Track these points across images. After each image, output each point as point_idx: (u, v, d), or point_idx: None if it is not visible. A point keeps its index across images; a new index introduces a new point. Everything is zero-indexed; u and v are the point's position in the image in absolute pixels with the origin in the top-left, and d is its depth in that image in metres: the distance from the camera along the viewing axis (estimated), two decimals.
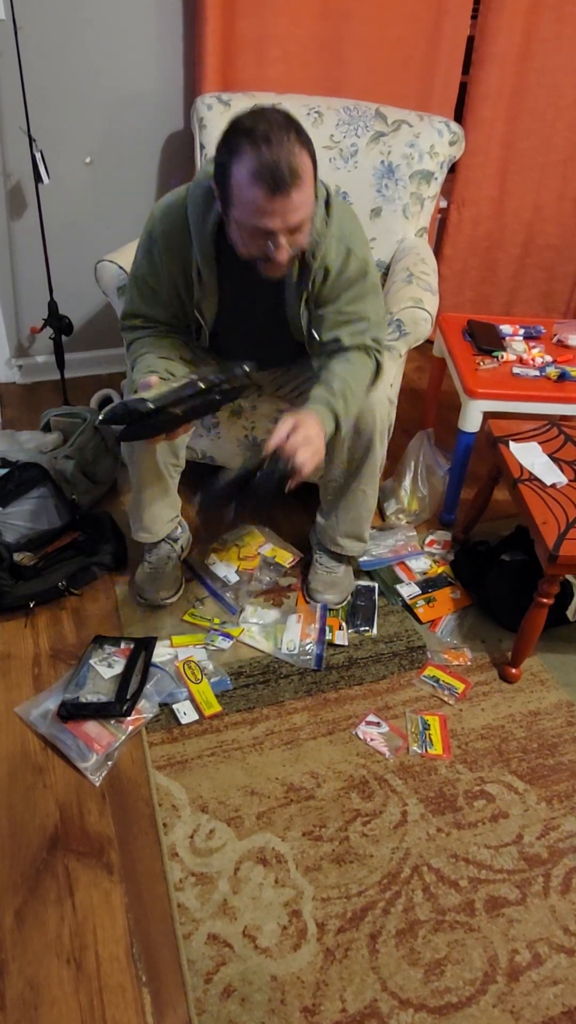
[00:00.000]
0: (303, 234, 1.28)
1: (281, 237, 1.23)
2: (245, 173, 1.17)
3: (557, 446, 1.72)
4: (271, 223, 1.21)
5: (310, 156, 1.22)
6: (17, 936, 1.20)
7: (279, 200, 1.18)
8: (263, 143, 1.15)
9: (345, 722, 1.54)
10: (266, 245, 1.25)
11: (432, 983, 1.17)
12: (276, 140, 1.16)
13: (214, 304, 1.47)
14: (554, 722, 1.57)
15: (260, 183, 1.16)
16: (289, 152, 1.16)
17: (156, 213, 1.42)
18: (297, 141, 1.18)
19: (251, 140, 1.16)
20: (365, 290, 1.46)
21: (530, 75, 2.42)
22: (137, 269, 1.46)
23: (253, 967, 1.18)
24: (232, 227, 1.28)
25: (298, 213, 1.22)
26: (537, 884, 1.30)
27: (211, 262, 1.39)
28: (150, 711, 1.52)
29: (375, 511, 1.74)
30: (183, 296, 1.45)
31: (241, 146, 1.17)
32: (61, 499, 1.88)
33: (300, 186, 1.19)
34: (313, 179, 1.24)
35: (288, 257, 1.27)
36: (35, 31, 2.05)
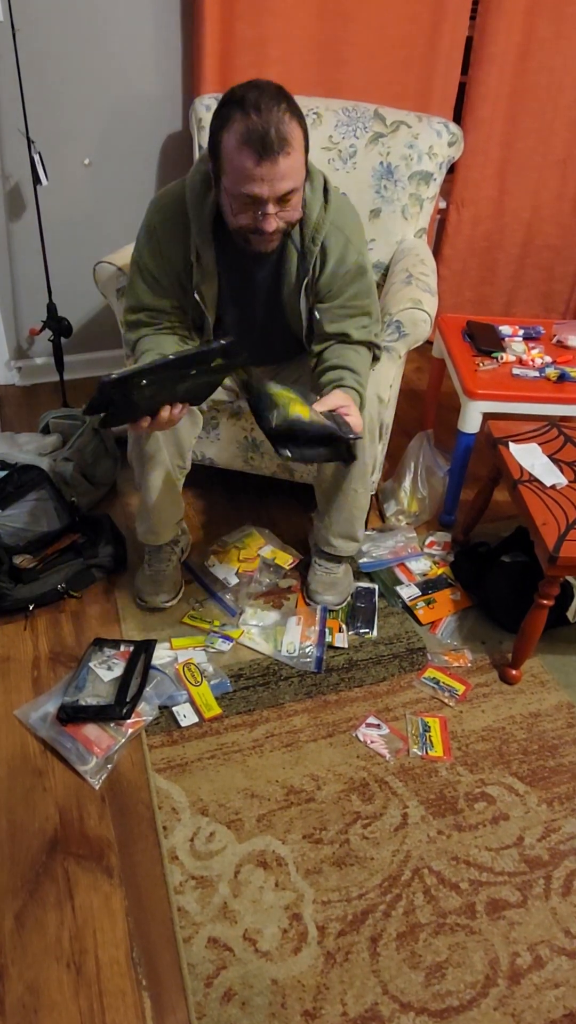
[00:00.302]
0: (292, 207, 1.29)
1: (269, 205, 1.24)
2: (234, 140, 1.20)
3: (557, 447, 1.72)
4: (259, 189, 1.22)
5: (301, 128, 1.24)
6: (17, 940, 1.20)
7: (266, 166, 1.19)
8: (252, 111, 1.18)
9: (345, 724, 1.54)
10: (255, 214, 1.26)
11: (433, 986, 1.17)
12: (265, 107, 1.18)
13: (214, 287, 1.47)
14: (555, 724, 1.56)
15: (248, 149, 1.18)
16: (278, 120, 1.18)
17: (154, 204, 1.44)
18: (287, 110, 1.20)
19: (241, 108, 1.19)
20: (366, 287, 1.47)
21: (529, 75, 2.41)
22: (140, 259, 1.47)
23: (253, 971, 1.17)
24: (224, 198, 1.29)
25: (286, 181, 1.22)
26: (538, 886, 1.29)
27: (209, 243, 1.40)
28: (150, 714, 1.51)
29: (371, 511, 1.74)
30: (184, 282, 1.46)
31: (232, 114, 1.20)
32: (60, 501, 1.87)
33: (289, 153, 1.20)
34: (304, 151, 1.25)
35: (275, 228, 1.28)
36: (33, 33, 2.04)
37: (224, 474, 2.10)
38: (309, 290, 1.45)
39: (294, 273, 1.43)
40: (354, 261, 1.43)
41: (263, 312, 1.52)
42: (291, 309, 1.49)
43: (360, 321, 1.48)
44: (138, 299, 1.49)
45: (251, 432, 1.87)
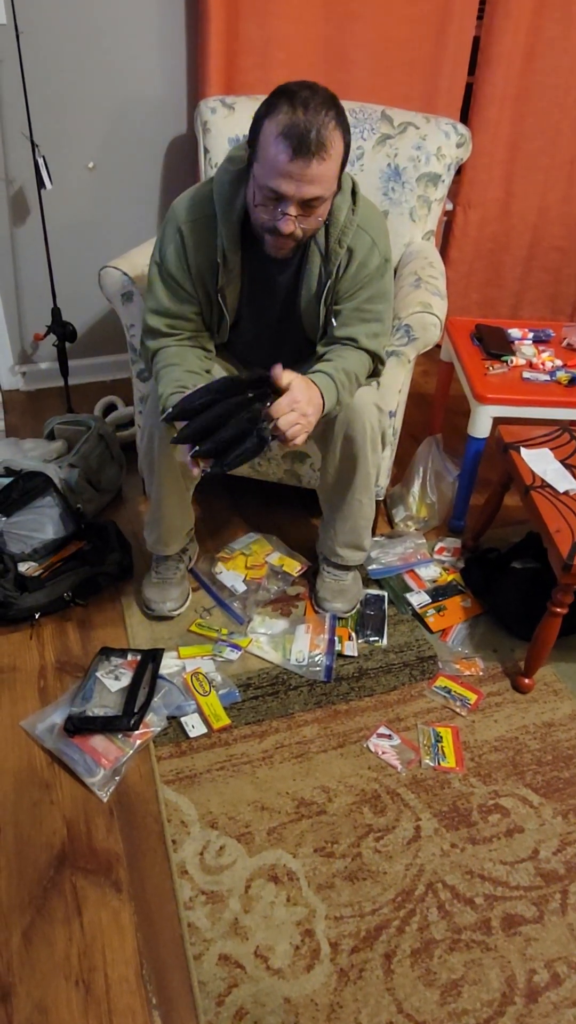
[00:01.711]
0: (315, 217, 1.27)
1: (291, 206, 1.23)
2: (275, 129, 1.18)
3: (569, 452, 1.70)
4: (285, 186, 1.20)
5: (344, 141, 1.22)
6: (25, 957, 1.18)
7: (298, 164, 1.17)
8: (300, 106, 1.16)
9: (356, 735, 1.51)
10: (275, 210, 1.24)
11: (449, 1004, 1.14)
12: (313, 108, 1.17)
13: (237, 289, 1.45)
14: (568, 733, 1.54)
15: (285, 142, 1.17)
16: (322, 123, 1.16)
17: (179, 206, 1.41)
18: (335, 119, 1.19)
19: (290, 102, 1.17)
20: (382, 291, 1.45)
21: (536, 76, 2.39)
22: (164, 263, 1.43)
23: (265, 988, 1.15)
24: (252, 188, 1.27)
25: (314, 186, 1.20)
26: (554, 901, 1.27)
27: (237, 245, 1.38)
28: (158, 724, 1.49)
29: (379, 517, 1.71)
30: (208, 285, 1.43)
31: (279, 105, 1.18)
32: (66, 508, 1.85)
33: (324, 159, 1.18)
34: (340, 162, 1.23)
35: (292, 232, 1.26)
36: (37, 35, 2.03)
37: (231, 480, 2.08)
38: (329, 293, 1.43)
39: (316, 276, 1.41)
40: (376, 264, 1.41)
41: (280, 314, 1.50)
42: (308, 312, 1.47)
43: (372, 328, 1.45)
44: (159, 304, 1.45)
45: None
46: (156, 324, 1.47)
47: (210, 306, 1.47)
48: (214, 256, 1.39)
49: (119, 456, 2.12)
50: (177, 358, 1.44)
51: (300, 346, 1.56)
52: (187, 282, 1.43)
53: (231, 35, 2.09)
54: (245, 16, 2.06)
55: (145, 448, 1.55)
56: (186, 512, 1.68)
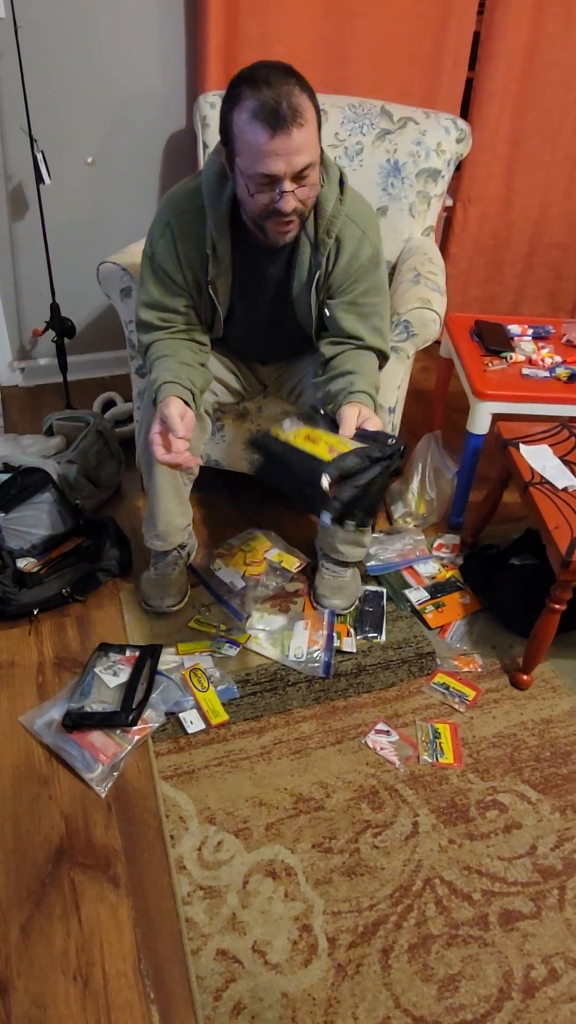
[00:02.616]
0: (309, 185, 1.26)
1: (287, 183, 1.22)
2: (246, 116, 1.17)
3: (568, 448, 1.70)
4: (275, 166, 1.19)
5: (313, 104, 1.21)
6: (23, 952, 1.18)
7: (280, 139, 1.17)
8: (262, 85, 1.16)
9: (354, 731, 1.52)
10: (272, 195, 1.24)
11: (446, 1000, 1.15)
12: (276, 81, 1.16)
13: (228, 281, 1.44)
14: (567, 730, 1.54)
15: (261, 123, 1.16)
16: (289, 92, 1.16)
17: (168, 201, 1.42)
18: (297, 84, 1.18)
19: (250, 85, 1.17)
20: (378, 284, 1.45)
21: (537, 71, 2.39)
22: (153, 255, 1.43)
23: (263, 983, 1.15)
24: (240, 183, 1.26)
25: (302, 155, 1.20)
26: (552, 897, 1.27)
27: (226, 235, 1.38)
28: (156, 720, 1.49)
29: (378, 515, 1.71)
30: (199, 277, 1.43)
31: (242, 92, 1.18)
32: (65, 504, 1.85)
33: (302, 125, 1.17)
34: (316, 125, 1.23)
35: (294, 208, 1.25)
36: (36, 30, 2.02)
37: (229, 476, 2.08)
38: (320, 285, 1.42)
39: (306, 266, 1.41)
40: (368, 256, 1.41)
41: (272, 307, 1.50)
42: (300, 304, 1.47)
43: (373, 322, 1.45)
44: (151, 297, 1.45)
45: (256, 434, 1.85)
46: (148, 318, 1.47)
47: (202, 299, 1.47)
48: (204, 248, 1.39)
49: (118, 452, 2.12)
50: (170, 350, 1.44)
51: (294, 340, 1.56)
52: (178, 275, 1.42)
53: (230, 30, 2.08)
54: (244, 11, 2.05)
55: (143, 443, 1.55)
56: (184, 507, 1.68)
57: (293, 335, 1.55)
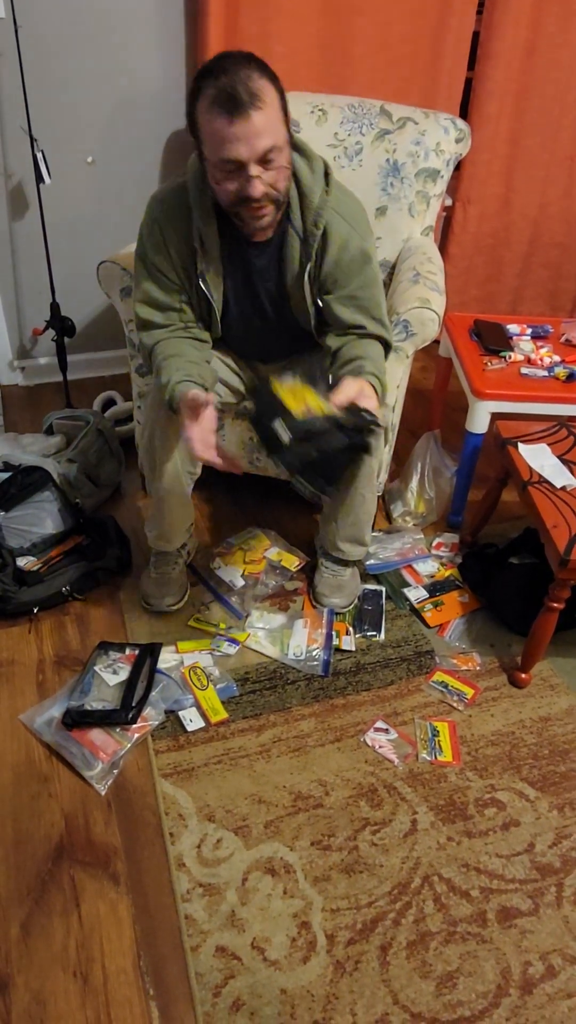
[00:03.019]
0: (277, 170, 1.27)
1: (252, 167, 1.23)
2: (206, 104, 1.20)
3: (567, 447, 1.70)
4: (237, 151, 1.21)
5: (275, 89, 1.22)
6: (23, 949, 1.19)
7: (239, 124, 1.18)
8: (220, 74, 1.18)
9: (353, 729, 1.52)
10: (240, 183, 1.25)
11: (444, 996, 1.15)
12: (232, 68, 1.18)
13: (219, 274, 1.45)
14: (565, 728, 1.54)
15: (219, 109, 1.18)
16: (246, 77, 1.18)
17: (154, 199, 1.44)
18: (257, 70, 1.20)
19: (209, 75, 1.19)
20: (372, 278, 1.45)
21: (536, 71, 2.39)
22: (144, 255, 1.45)
23: (262, 980, 1.16)
24: (209, 173, 1.28)
25: (263, 138, 1.20)
26: (550, 894, 1.28)
27: (213, 228, 1.39)
28: (156, 718, 1.50)
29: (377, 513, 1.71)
30: (190, 272, 1.44)
31: (201, 84, 1.20)
32: (65, 503, 1.86)
33: (261, 108, 1.18)
34: (280, 110, 1.24)
35: (263, 193, 1.26)
36: (36, 30, 2.03)
37: (229, 475, 2.08)
38: (313, 278, 1.43)
39: (297, 259, 1.42)
40: (358, 247, 1.41)
41: (269, 304, 1.51)
42: (296, 299, 1.47)
43: (372, 313, 1.46)
44: (147, 295, 1.46)
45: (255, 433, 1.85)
46: (147, 315, 1.48)
47: (196, 296, 1.48)
48: (192, 242, 1.40)
49: (118, 451, 2.12)
50: (175, 349, 1.44)
51: (294, 337, 1.56)
52: (171, 271, 1.44)
53: (230, 29, 2.08)
54: (244, 11, 2.06)
55: (146, 445, 1.55)
56: (187, 508, 1.69)
57: (292, 332, 1.55)
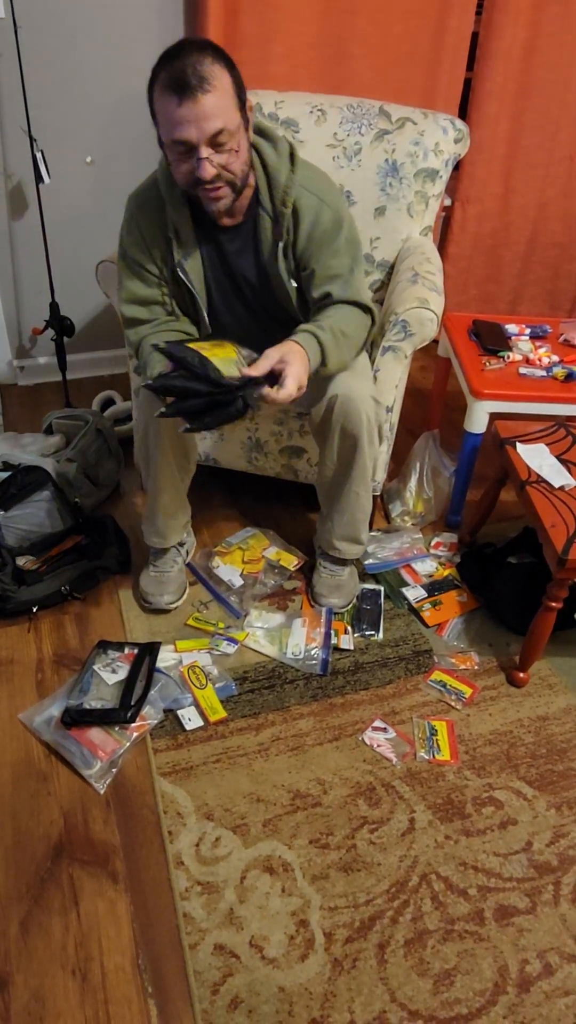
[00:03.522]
0: (229, 153, 1.28)
1: (202, 149, 1.25)
2: (158, 90, 1.23)
3: (565, 447, 1.70)
4: (186, 132, 1.23)
5: (229, 75, 1.25)
6: (22, 947, 1.19)
7: (188, 106, 1.20)
8: (173, 59, 1.21)
9: (351, 728, 1.52)
10: (191, 163, 1.27)
11: (441, 994, 1.16)
12: (184, 53, 1.21)
13: (197, 263, 1.47)
14: (563, 727, 1.55)
15: (168, 92, 1.21)
16: (197, 61, 1.20)
17: (130, 198, 1.48)
18: (210, 55, 1.22)
19: (164, 62, 1.22)
20: (343, 245, 1.45)
21: (535, 71, 2.39)
22: (124, 253, 1.48)
23: (260, 978, 1.16)
24: (169, 160, 1.31)
25: (213, 120, 1.22)
26: (547, 892, 1.28)
27: (185, 217, 1.42)
28: (155, 717, 1.50)
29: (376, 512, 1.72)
30: (170, 264, 1.46)
31: (156, 71, 1.23)
32: (64, 502, 1.86)
33: (210, 91, 1.21)
34: (233, 94, 1.25)
35: (215, 175, 1.28)
36: (35, 30, 2.03)
37: (227, 475, 2.09)
38: (288, 256, 1.44)
39: (269, 239, 1.43)
40: (329, 217, 1.42)
41: (248, 288, 1.52)
42: (275, 281, 1.48)
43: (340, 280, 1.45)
44: (130, 292, 1.49)
45: (254, 433, 1.86)
46: (133, 313, 1.50)
47: (179, 289, 1.49)
48: (166, 231, 1.43)
49: (117, 451, 2.13)
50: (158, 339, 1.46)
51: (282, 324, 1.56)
52: (151, 264, 1.46)
53: (229, 29, 2.09)
54: (243, 10, 2.06)
55: (141, 441, 1.56)
56: (183, 504, 1.69)
57: (278, 319, 1.56)
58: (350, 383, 1.47)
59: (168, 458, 1.55)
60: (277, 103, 1.95)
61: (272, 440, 1.86)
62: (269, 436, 1.85)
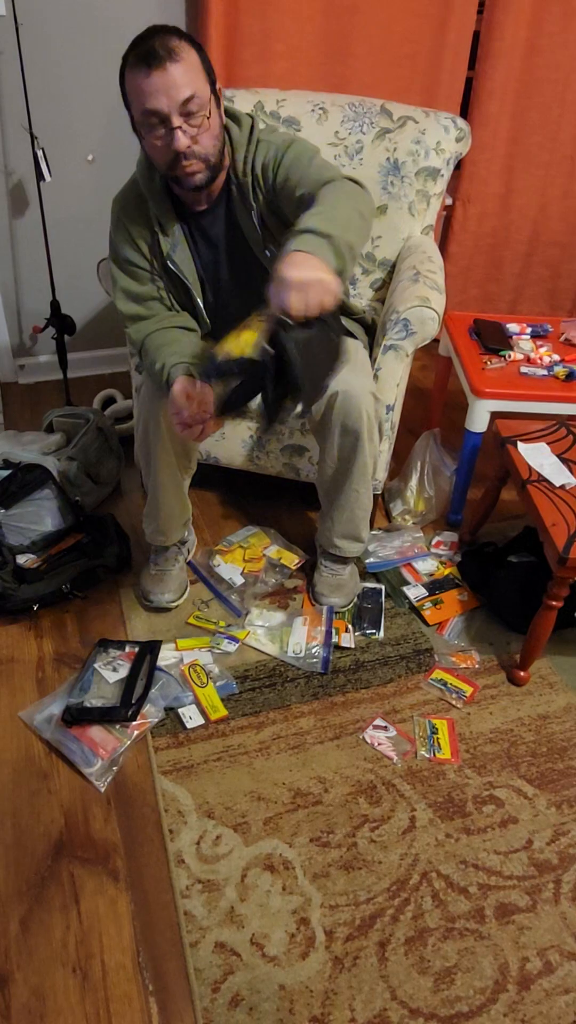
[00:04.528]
0: (200, 123, 1.29)
1: (174, 118, 1.26)
2: (129, 69, 1.26)
3: (566, 446, 1.70)
4: (157, 102, 1.25)
5: (197, 53, 1.28)
6: (23, 945, 1.19)
7: (157, 75, 1.23)
8: (141, 41, 1.25)
9: (352, 726, 1.52)
10: (165, 135, 1.28)
11: (442, 992, 1.16)
12: (152, 33, 1.25)
13: (186, 253, 1.48)
14: (563, 726, 1.55)
15: (138, 66, 1.24)
16: (164, 38, 1.24)
17: (114, 200, 1.50)
18: (175, 34, 1.25)
19: (133, 44, 1.26)
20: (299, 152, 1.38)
21: (537, 70, 2.39)
22: (115, 253, 1.51)
23: (261, 976, 1.16)
24: (144, 143, 1.33)
25: (183, 88, 1.24)
26: (547, 891, 1.28)
27: (167, 209, 1.44)
28: (155, 715, 1.50)
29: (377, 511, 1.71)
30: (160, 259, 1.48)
31: (126, 56, 1.27)
32: (64, 501, 1.86)
33: (178, 61, 1.23)
34: (201, 70, 1.28)
35: (188, 145, 1.29)
36: (36, 27, 2.03)
37: (229, 473, 2.08)
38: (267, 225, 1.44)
39: (245, 209, 1.44)
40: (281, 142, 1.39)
41: (242, 269, 1.52)
42: (258, 252, 1.48)
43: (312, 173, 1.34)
44: (126, 291, 1.51)
45: (256, 431, 1.86)
46: (132, 311, 1.51)
47: (172, 283, 1.50)
48: (152, 228, 1.45)
49: (118, 449, 2.13)
50: (166, 339, 1.47)
51: None
52: (142, 260, 1.48)
53: (231, 28, 2.09)
54: (245, 9, 2.06)
55: (141, 438, 1.56)
56: (183, 502, 1.69)
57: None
58: (350, 380, 1.47)
59: (168, 456, 1.55)
60: (279, 101, 1.95)
61: (273, 439, 1.86)
62: (270, 434, 1.85)
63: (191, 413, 1.32)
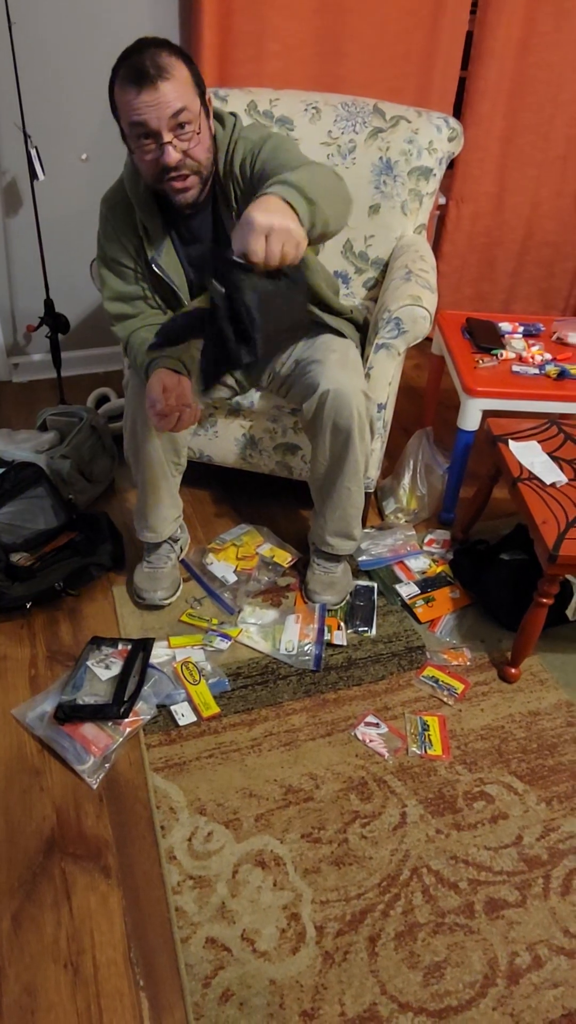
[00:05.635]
0: (191, 137, 1.30)
1: (164, 134, 1.27)
2: (118, 85, 1.27)
3: (557, 445, 1.71)
4: (146, 117, 1.25)
5: (187, 67, 1.28)
6: (14, 941, 1.20)
7: (147, 93, 1.23)
8: (132, 54, 1.25)
9: (344, 723, 1.53)
10: (156, 151, 1.29)
11: (432, 986, 1.16)
12: (142, 48, 1.25)
13: (174, 260, 1.49)
14: (554, 722, 1.56)
15: (128, 82, 1.24)
16: (155, 54, 1.24)
17: (102, 201, 1.51)
18: (166, 49, 1.26)
19: (123, 59, 1.27)
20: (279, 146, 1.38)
21: (529, 70, 2.40)
22: (103, 254, 1.52)
23: (252, 971, 1.17)
24: (134, 155, 1.34)
25: (172, 105, 1.25)
26: (537, 886, 1.29)
27: (153, 213, 1.45)
28: (148, 713, 1.51)
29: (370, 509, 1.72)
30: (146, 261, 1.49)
31: (116, 69, 1.27)
32: (57, 499, 1.86)
33: (168, 79, 1.24)
34: (192, 85, 1.29)
35: (179, 160, 1.30)
36: (30, 26, 2.03)
37: (222, 472, 2.09)
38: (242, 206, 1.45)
39: (231, 206, 1.45)
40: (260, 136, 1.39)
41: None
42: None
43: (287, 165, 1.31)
44: (112, 290, 1.52)
45: (249, 429, 1.86)
46: (118, 310, 1.53)
47: (159, 286, 1.51)
48: (137, 229, 1.46)
49: (111, 447, 2.13)
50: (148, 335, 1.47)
51: None
52: (128, 259, 1.50)
53: (224, 28, 2.09)
54: (238, 9, 2.06)
55: (130, 434, 1.56)
56: (173, 499, 1.69)
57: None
58: (341, 378, 1.48)
59: (157, 452, 1.55)
60: (272, 101, 1.95)
61: (266, 437, 1.86)
62: (263, 433, 1.86)
63: (166, 405, 1.33)
